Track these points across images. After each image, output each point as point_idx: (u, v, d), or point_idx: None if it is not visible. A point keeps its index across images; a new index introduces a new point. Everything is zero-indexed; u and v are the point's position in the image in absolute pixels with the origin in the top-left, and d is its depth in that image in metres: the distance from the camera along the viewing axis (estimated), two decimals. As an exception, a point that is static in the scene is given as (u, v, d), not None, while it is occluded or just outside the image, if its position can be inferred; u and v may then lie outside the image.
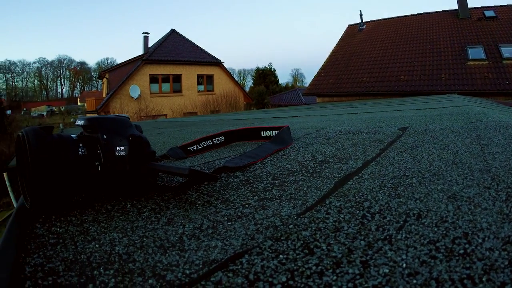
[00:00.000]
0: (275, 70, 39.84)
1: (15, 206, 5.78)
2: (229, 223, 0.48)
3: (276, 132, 1.15)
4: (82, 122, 0.64)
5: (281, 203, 0.54)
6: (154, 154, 0.66)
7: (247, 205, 0.55)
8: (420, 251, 0.35)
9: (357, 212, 0.47)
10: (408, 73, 11.24)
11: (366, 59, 13.14)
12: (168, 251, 0.41)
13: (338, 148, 0.97)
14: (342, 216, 0.46)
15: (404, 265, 0.32)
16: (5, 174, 5.84)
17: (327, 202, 0.53)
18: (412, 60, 11.82)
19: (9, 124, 18.98)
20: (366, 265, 0.33)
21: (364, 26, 15.67)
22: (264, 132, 1.19)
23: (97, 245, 0.45)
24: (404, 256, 0.34)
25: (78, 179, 0.58)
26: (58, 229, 0.51)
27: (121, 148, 0.61)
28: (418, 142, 0.96)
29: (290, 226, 0.44)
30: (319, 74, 13.83)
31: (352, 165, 0.76)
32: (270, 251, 0.38)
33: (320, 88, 13.04)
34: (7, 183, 5.84)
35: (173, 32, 19.99)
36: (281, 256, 0.37)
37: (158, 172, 0.66)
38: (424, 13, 14.60)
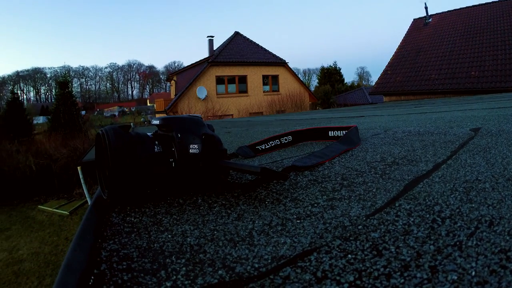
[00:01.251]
0: (340, 69, 39.09)
1: (86, 196, 6.17)
2: (298, 221, 0.49)
3: (344, 132, 1.13)
4: (158, 121, 0.68)
5: (350, 204, 0.54)
6: (225, 152, 0.68)
7: (316, 204, 0.55)
8: (490, 259, 0.33)
9: (427, 216, 0.46)
10: (479, 69, 10.47)
11: (434, 54, 12.43)
12: (238, 245, 0.43)
13: (408, 150, 0.94)
14: (412, 219, 0.45)
15: (473, 273, 0.31)
16: (79, 168, 6.25)
17: (396, 205, 0.52)
18: (483, 54, 10.96)
19: (84, 123, 20.29)
20: (434, 270, 0.32)
21: (430, 20, 14.77)
22: (332, 132, 1.18)
23: (169, 236, 0.48)
24: (473, 264, 0.33)
25: (153, 174, 0.62)
26: (133, 219, 0.55)
27: (195, 146, 0.64)
28: (491, 144, 0.91)
29: (359, 227, 0.44)
30: (385, 72, 13.33)
31: (422, 167, 0.73)
32: (339, 250, 0.38)
33: (387, 87, 12.57)
34: (81, 176, 6.27)
35: (237, 34, 20.32)
36: (349, 255, 0.37)
37: (230, 169, 0.68)
38: (494, 2, 13.37)
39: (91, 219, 0.59)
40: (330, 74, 37.94)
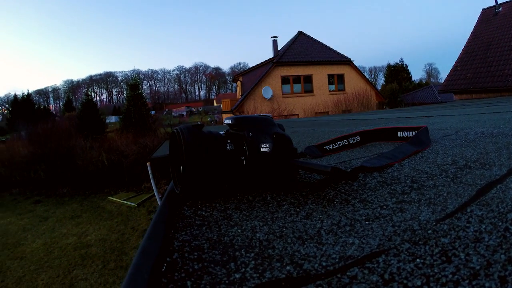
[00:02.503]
0: (407, 66, 37.60)
1: (154, 190, 6.42)
2: (367, 222, 0.49)
3: (414, 132, 1.10)
4: (230, 121, 0.71)
5: (420, 207, 0.53)
6: (295, 151, 0.69)
7: (385, 207, 0.55)
8: None
9: (500, 223, 0.44)
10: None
11: (506, 47, 11.31)
12: (306, 242, 0.44)
13: (480, 152, 0.90)
14: (484, 226, 0.44)
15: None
16: (148, 163, 6.51)
17: (468, 210, 0.50)
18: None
19: (153, 122, 21.28)
20: (504, 281, 0.31)
21: (500, 9, 13.29)
22: (401, 132, 1.15)
23: (239, 230, 0.50)
24: (546, 278, 0.31)
25: (224, 171, 0.65)
26: (204, 213, 0.59)
27: (266, 145, 0.66)
28: None
29: (429, 232, 0.43)
30: (454, 68, 12.37)
31: (496, 171, 0.69)
32: (407, 254, 0.38)
33: (457, 84, 11.70)
34: (149, 171, 6.54)
35: (300, 34, 20.21)
36: (418, 260, 0.36)
37: (300, 168, 0.69)
38: None
39: (164, 211, 0.63)
40: (397, 72, 36.58)
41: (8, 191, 13.94)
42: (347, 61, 19.21)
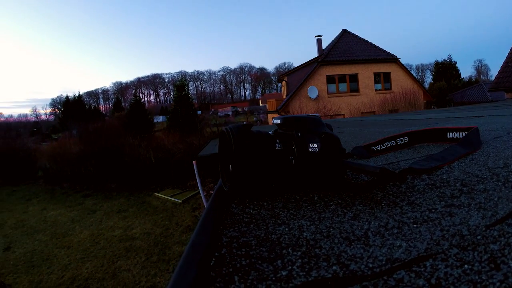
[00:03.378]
0: (455, 63, 36.08)
1: (199, 188, 6.52)
2: (415, 225, 0.48)
3: (464, 133, 1.06)
4: (279, 120, 0.72)
5: (469, 212, 0.52)
6: (344, 152, 0.69)
7: (433, 210, 0.54)
8: None
9: (553, 231, 0.42)
10: None
11: None
12: (353, 243, 0.44)
13: (535, 155, 0.85)
14: (536, 233, 0.42)
15: None
16: (194, 162, 6.62)
17: (520, 216, 0.48)
18: None
19: (199, 122, 21.70)
20: None
21: None
22: (450, 133, 1.11)
23: (286, 229, 0.51)
24: None
25: (273, 171, 0.66)
26: (251, 211, 0.60)
27: (314, 145, 0.66)
28: None
29: (478, 237, 0.42)
30: (505, 64, 11.63)
31: (551, 176, 0.65)
32: (455, 259, 0.37)
33: (509, 82, 10.98)
34: (195, 169, 6.63)
35: (345, 32, 19.87)
36: (466, 266, 0.36)
37: (348, 169, 0.69)
38: None
39: (213, 208, 0.65)
40: (445, 69, 35.17)
41: (60, 185, 14.77)
42: (393, 59, 18.69)
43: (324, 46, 19.69)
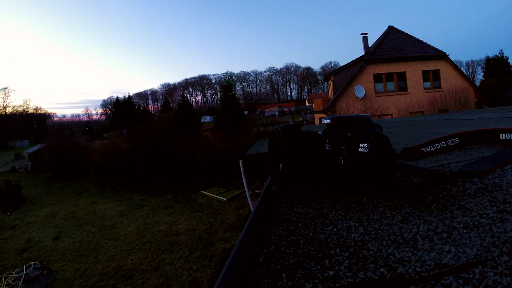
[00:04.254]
0: (507, 58, 34.04)
1: (245, 187, 6.54)
2: (465, 230, 0.47)
3: None
4: (328, 120, 0.72)
5: (523, 218, 0.50)
6: (394, 152, 0.68)
7: (484, 215, 0.52)
8: None
9: None
10: None
11: None
12: (401, 246, 0.44)
13: None
14: None
15: None
16: (240, 161, 6.63)
17: None
18: None
19: (246, 122, 21.90)
20: None
21: None
22: (504, 134, 1.06)
23: (334, 229, 0.51)
24: None
25: (322, 171, 0.66)
26: (300, 210, 0.61)
27: (364, 145, 0.65)
28: None
29: (530, 245, 0.41)
30: None
31: None
32: (505, 267, 0.36)
33: None
34: (241, 169, 6.65)
35: (391, 29, 19.28)
36: None
37: (398, 170, 0.69)
38: None
39: (262, 206, 0.66)
40: (497, 65, 33.32)
41: (109, 180, 15.43)
42: (442, 56, 17.92)
43: (370, 43, 19.26)
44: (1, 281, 6.52)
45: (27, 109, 70.90)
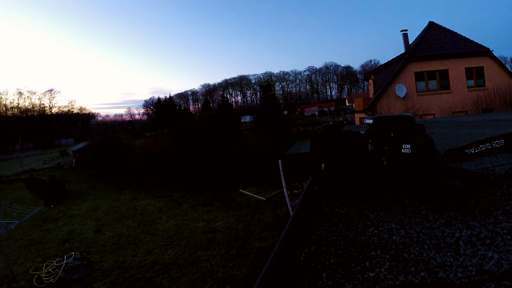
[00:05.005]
0: (555, 53, 32.11)
1: (284, 187, 6.48)
2: (509, 237, 0.46)
3: None
4: (371, 120, 0.72)
5: None
6: (437, 153, 0.67)
7: (530, 221, 0.51)
8: None
9: None
10: None
11: None
12: (443, 251, 0.44)
13: None
14: None
15: None
16: (279, 161, 6.60)
17: None
18: None
19: (285, 122, 21.91)
20: None
21: None
22: None
23: (375, 231, 0.52)
24: None
25: (364, 171, 0.66)
26: (341, 211, 0.62)
27: (407, 146, 0.64)
28: None
29: None
30: None
31: None
32: None
33: None
34: (280, 168, 6.63)
35: (432, 24, 18.59)
36: None
37: (441, 172, 0.67)
38: None
39: (303, 205, 0.67)
40: (547, 61, 31.46)
41: (150, 178, 15.83)
42: (486, 52, 17.07)
43: (410, 40, 18.71)
44: (42, 269, 6.83)
45: (72, 109, 74.99)
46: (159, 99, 52.11)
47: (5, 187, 16.96)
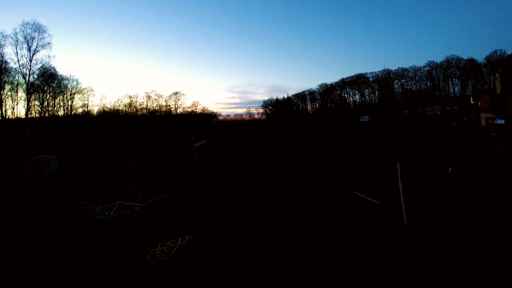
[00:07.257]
0: None
1: (400, 191, 6.74)
2: None
3: None
4: (503, 121, 1.06)
5: None
6: None
7: None
8: None
9: None
10: None
11: None
12: None
13: None
14: None
15: None
16: (398, 164, 6.86)
17: None
18: None
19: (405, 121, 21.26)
20: None
21: None
22: None
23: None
24: None
25: (494, 175, 0.89)
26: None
27: None
28: None
29: None
30: None
31: None
32: None
33: None
34: (398, 172, 6.91)
35: None
36: None
37: None
38: None
39: (422, 209, 1.00)
40: None
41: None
42: None
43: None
44: (157, 247, 7.86)
45: (195, 110, 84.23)
46: (277, 99, 54.09)
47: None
